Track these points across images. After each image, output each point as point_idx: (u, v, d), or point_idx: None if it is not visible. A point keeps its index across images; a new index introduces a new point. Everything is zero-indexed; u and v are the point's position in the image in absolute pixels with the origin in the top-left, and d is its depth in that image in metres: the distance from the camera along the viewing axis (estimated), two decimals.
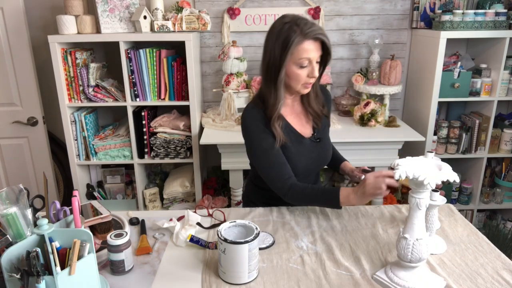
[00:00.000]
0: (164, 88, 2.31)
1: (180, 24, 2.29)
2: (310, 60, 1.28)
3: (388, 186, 1.19)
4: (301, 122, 1.46)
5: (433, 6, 2.54)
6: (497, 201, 2.71)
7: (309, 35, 1.24)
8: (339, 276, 1.11)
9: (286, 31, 1.25)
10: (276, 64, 1.28)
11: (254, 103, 1.40)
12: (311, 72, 1.30)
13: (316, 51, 1.28)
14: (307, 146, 1.43)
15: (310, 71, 1.30)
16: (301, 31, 1.24)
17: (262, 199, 1.54)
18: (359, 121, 2.42)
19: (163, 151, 2.38)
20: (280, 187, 1.35)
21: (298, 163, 1.40)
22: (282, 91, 1.33)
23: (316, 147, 1.46)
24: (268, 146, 1.34)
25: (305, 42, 1.24)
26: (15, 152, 2.51)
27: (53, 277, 0.84)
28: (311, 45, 1.26)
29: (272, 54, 1.29)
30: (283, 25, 1.26)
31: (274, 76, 1.30)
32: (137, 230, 1.36)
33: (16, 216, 0.92)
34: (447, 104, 2.73)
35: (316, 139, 1.46)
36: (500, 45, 2.37)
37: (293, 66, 1.28)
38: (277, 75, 1.29)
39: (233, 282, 1.07)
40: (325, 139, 1.50)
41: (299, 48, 1.25)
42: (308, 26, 1.24)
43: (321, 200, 1.33)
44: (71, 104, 2.30)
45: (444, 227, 1.36)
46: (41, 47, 2.51)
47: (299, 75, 1.29)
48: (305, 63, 1.28)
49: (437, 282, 1.05)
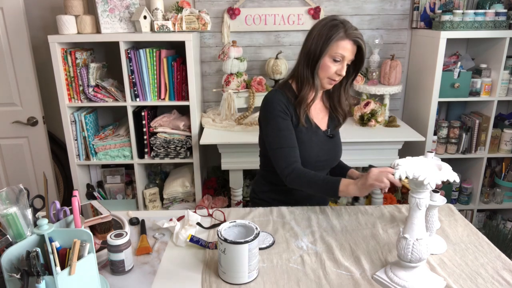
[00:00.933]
0: (164, 88, 2.31)
1: (180, 24, 2.29)
2: (344, 58, 1.37)
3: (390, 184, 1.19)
4: (318, 115, 1.53)
5: (433, 6, 2.54)
6: (497, 201, 2.71)
7: (351, 36, 1.36)
8: (339, 276, 1.11)
9: (334, 27, 1.36)
10: (316, 52, 1.38)
11: (280, 87, 1.50)
12: (340, 69, 1.39)
13: (351, 52, 1.38)
14: (320, 137, 1.50)
15: (339, 68, 1.39)
16: (345, 30, 1.35)
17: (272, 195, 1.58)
18: (359, 121, 2.42)
19: (163, 151, 2.38)
20: (284, 167, 1.39)
21: (311, 151, 1.46)
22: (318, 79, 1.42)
23: (329, 141, 1.53)
24: (284, 127, 1.41)
25: (345, 40, 1.35)
26: (15, 152, 2.51)
27: (53, 277, 0.84)
28: (349, 45, 1.36)
29: (314, 42, 1.38)
30: (332, 21, 1.38)
31: (312, 63, 1.40)
32: (137, 230, 1.36)
33: (16, 216, 0.92)
34: (447, 104, 2.73)
35: (329, 134, 1.54)
36: (500, 45, 2.37)
37: (328, 58, 1.38)
38: (316, 62, 1.39)
39: (233, 282, 1.07)
40: (337, 137, 1.59)
41: (339, 44, 1.35)
42: (352, 29, 1.36)
43: (321, 185, 1.34)
44: (71, 104, 2.30)
45: (444, 227, 1.36)
46: (41, 47, 2.51)
47: (330, 67, 1.38)
48: (338, 58, 1.37)
49: (437, 282, 1.05)
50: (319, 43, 1.37)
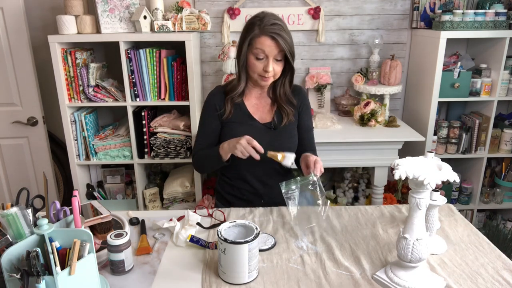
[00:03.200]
0: (164, 88, 2.31)
1: (180, 24, 2.29)
2: (266, 55, 1.41)
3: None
4: (261, 109, 1.59)
5: (433, 6, 2.54)
6: (497, 201, 2.71)
7: (266, 31, 1.38)
8: (339, 276, 1.11)
9: (250, 25, 1.43)
10: (241, 53, 1.46)
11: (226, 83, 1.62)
12: (265, 65, 1.43)
13: (273, 48, 1.40)
14: (257, 128, 1.55)
15: (265, 65, 1.43)
16: (260, 27, 1.39)
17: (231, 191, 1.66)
18: (359, 121, 2.42)
19: (163, 151, 2.38)
20: (193, 153, 1.59)
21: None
22: (244, 75, 1.51)
23: (268, 132, 1.56)
24: (206, 121, 1.57)
25: (261, 37, 1.39)
26: (15, 152, 2.51)
27: (53, 277, 0.84)
28: (267, 41, 1.39)
29: (239, 44, 1.48)
30: (253, 18, 1.45)
31: (241, 63, 1.48)
32: (137, 230, 1.36)
33: (16, 216, 0.92)
34: (447, 104, 2.73)
35: (271, 126, 1.57)
36: (500, 45, 2.37)
37: (251, 56, 1.44)
38: (244, 62, 1.47)
39: (233, 282, 1.07)
40: (284, 130, 1.58)
41: (256, 41, 1.41)
42: (269, 24, 1.39)
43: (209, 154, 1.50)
44: (71, 104, 2.30)
45: (444, 227, 1.36)
46: (41, 47, 2.50)
47: (255, 65, 1.44)
48: (260, 55, 1.42)
49: (437, 282, 1.05)
50: (241, 44, 1.45)
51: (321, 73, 2.61)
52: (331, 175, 2.82)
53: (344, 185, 2.71)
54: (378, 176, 2.32)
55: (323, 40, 2.60)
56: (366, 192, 2.68)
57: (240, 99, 1.57)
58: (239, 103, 1.57)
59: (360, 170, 2.75)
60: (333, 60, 2.67)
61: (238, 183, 1.63)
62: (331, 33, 2.62)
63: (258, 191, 1.62)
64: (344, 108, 2.62)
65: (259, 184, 1.61)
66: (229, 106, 1.54)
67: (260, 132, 1.54)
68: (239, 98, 1.56)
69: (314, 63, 2.68)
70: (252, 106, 1.58)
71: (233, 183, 1.64)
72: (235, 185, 1.64)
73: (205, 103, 1.59)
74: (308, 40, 2.63)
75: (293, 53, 1.46)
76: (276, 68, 1.45)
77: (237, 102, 1.56)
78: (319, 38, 2.59)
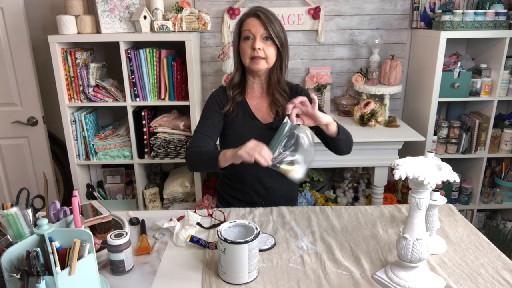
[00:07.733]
0: (164, 88, 2.31)
1: (180, 24, 2.29)
2: (253, 34, 1.44)
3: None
4: (263, 109, 1.58)
5: (433, 6, 2.54)
6: (497, 201, 2.71)
7: (250, 12, 1.45)
8: (339, 276, 1.11)
9: (239, 21, 1.49)
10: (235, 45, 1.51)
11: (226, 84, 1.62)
12: (252, 43, 1.44)
13: (258, 27, 1.43)
14: (258, 128, 1.55)
15: (252, 43, 1.44)
16: (246, 13, 1.47)
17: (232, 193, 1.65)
18: (359, 121, 2.42)
19: (163, 151, 2.38)
20: (188, 147, 1.53)
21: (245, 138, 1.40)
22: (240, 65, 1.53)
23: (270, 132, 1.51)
24: (208, 116, 1.54)
25: (247, 19, 1.46)
26: (15, 152, 2.51)
27: (53, 277, 0.84)
28: (252, 21, 1.44)
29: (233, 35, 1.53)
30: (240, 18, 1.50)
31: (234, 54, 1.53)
32: (137, 230, 1.36)
33: (16, 216, 0.92)
34: (447, 104, 2.73)
35: (273, 126, 1.54)
36: (500, 45, 2.37)
37: (241, 41, 1.48)
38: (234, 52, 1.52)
39: (233, 282, 1.07)
40: None
41: (243, 24, 1.46)
42: (253, 8, 1.46)
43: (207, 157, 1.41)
44: (71, 104, 2.30)
45: (444, 227, 1.36)
46: (41, 47, 2.50)
47: (244, 48, 1.46)
48: (248, 36, 1.45)
49: (437, 282, 1.05)
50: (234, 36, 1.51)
51: (321, 73, 2.61)
52: (331, 175, 2.82)
53: (344, 185, 2.72)
54: (378, 176, 2.32)
55: (323, 40, 2.60)
56: (366, 192, 2.68)
57: (242, 97, 1.56)
58: (242, 102, 1.56)
59: (360, 170, 2.75)
60: (333, 60, 2.68)
61: (239, 185, 1.63)
62: (331, 33, 2.62)
63: (259, 193, 1.61)
64: (344, 108, 2.62)
65: (260, 186, 1.60)
66: (232, 104, 1.55)
67: (261, 132, 1.54)
68: (241, 96, 1.56)
69: (314, 63, 2.68)
70: (254, 106, 1.58)
71: (234, 185, 1.64)
72: (236, 187, 1.64)
73: (208, 99, 1.59)
74: (308, 40, 2.63)
75: (279, 35, 1.45)
76: (267, 49, 1.44)
77: (240, 101, 1.56)
78: (319, 38, 2.59)
